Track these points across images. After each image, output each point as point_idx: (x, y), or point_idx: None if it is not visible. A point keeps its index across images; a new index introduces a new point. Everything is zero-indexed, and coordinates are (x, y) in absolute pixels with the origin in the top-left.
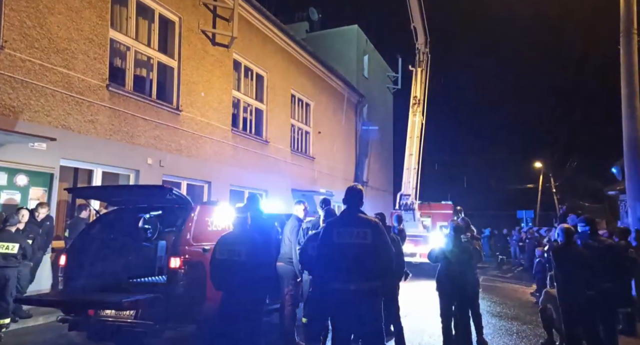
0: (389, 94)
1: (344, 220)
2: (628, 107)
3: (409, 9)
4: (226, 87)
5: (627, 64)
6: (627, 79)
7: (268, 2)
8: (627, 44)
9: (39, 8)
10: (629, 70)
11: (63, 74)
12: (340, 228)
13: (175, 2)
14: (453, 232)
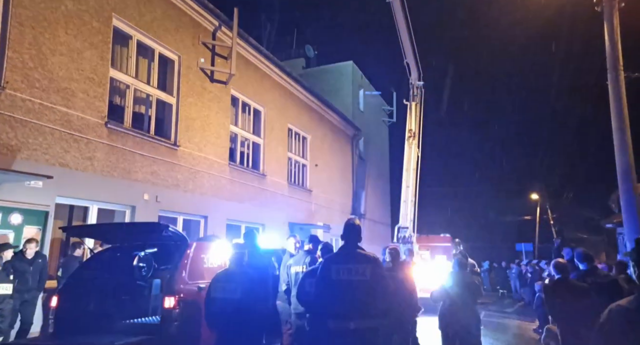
0: (384, 127)
1: (342, 257)
2: (619, 140)
3: (401, 46)
4: (224, 122)
5: (616, 98)
6: (617, 113)
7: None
8: (614, 80)
9: (41, 50)
10: (617, 104)
11: (62, 113)
12: (339, 264)
13: (175, 41)
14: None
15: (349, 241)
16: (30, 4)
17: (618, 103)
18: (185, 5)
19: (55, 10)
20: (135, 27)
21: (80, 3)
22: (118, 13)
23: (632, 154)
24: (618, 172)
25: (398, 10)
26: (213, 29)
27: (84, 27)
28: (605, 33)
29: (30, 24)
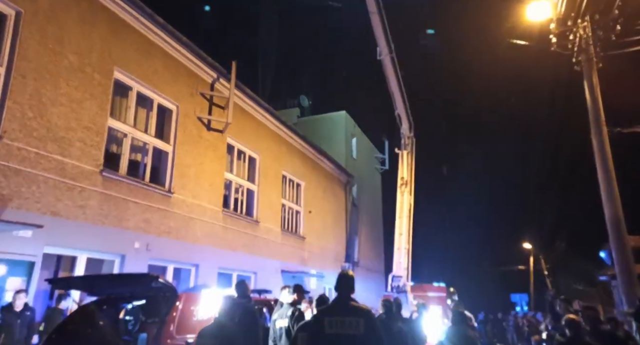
0: (377, 174)
1: (335, 309)
2: (607, 193)
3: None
4: (219, 170)
5: (600, 151)
6: (602, 165)
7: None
8: (598, 134)
9: (41, 100)
10: (603, 157)
11: (58, 161)
12: (332, 317)
13: (173, 92)
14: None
15: (342, 293)
16: (34, 57)
17: (603, 156)
18: (185, 59)
19: (58, 64)
20: (135, 79)
21: (83, 57)
22: (120, 66)
23: (620, 206)
24: (608, 225)
25: (388, 66)
26: (211, 81)
27: (85, 79)
28: (586, 90)
29: (32, 76)
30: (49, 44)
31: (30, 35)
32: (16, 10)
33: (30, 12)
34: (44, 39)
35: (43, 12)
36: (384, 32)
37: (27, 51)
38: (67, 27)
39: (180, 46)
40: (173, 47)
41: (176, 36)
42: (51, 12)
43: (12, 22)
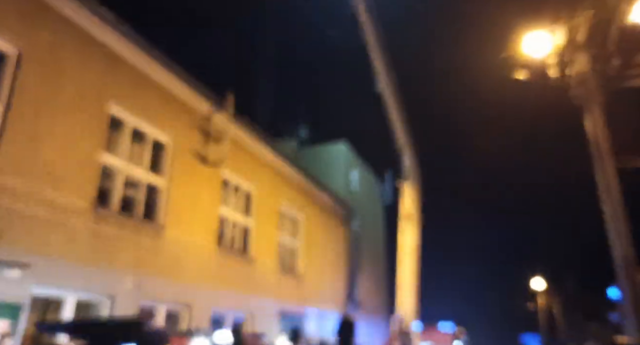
0: (379, 208)
1: None
2: (614, 229)
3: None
4: (214, 204)
5: (605, 186)
6: (609, 201)
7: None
8: (601, 169)
9: (37, 136)
10: (607, 189)
11: (50, 198)
12: None
13: (169, 126)
14: None
15: (343, 339)
16: (32, 94)
17: (607, 188)
18: (182, 92)
19: (55, 99)
20: (131, 113)
21: (80, 92)
22: (116, 100)
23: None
24: (617, 263)
25: (388, 97)
26: (207, 113)
27: (81, 114)
28: (587, 124)
29: (29, 112)
30: (47, 81)
31: (29, 73)
32: (18, 49)
33: (31, 51)
34: (42, 76)
35: (42, 50)
36: (383, 64)
37: (26, 88)
38: (65, 64)
39: (177, 79)
40: (170, 80)
41: (173, 69)
42: (50, 50)
43: (13, 61)
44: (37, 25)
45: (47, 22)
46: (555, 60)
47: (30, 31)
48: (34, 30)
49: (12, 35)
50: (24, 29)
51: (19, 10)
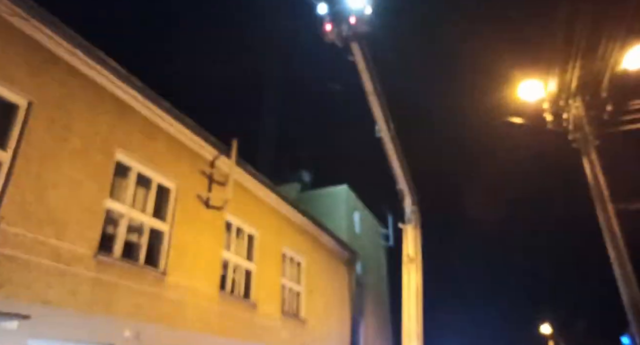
0: (381, 251)
1: None
2: (621, 272)
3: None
4: (216, 248)
5: (608, 229)
6: (613, 244)
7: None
8: (603, 212)
9: (43, 184)
10: (612, 235)
11: (53, 245)
12: None
13: (174, 171)
14: None
15: None
16: (40, 143)
17: (612, 233)
18: (188, 138)
19: (62, 148)
20: (137, 160)
21: (88, 140)
22: (123, 147)
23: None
24: (625, 306)
25: (388, 144)
26: (212, 158)
27: (87, 161)
28: (586, 168)
29: (36, 160)
30: (56, 130)
31: (38, 123)
32: (28, 100)
33: (41, 102)
34: (51, 126)
35: (53, 101)
36: (382, 111)
37: (34, 137)
38: (74, 114)
39: (184, 127)
40: (177, 128)
41: (180, 118)
42: (60, 101)
43: (23, 111)
44: (47, 77)
45: (56, 74)
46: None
47: (40, 83)
48: (44, 82)
49: (22, 86)
50: (34, 81)
51: (29, 63)
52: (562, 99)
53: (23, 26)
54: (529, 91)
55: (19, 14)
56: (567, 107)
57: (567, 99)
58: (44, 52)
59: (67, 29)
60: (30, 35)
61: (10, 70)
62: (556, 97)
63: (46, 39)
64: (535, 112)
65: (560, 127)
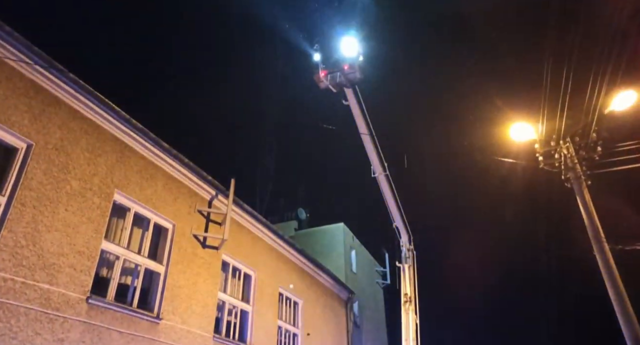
0: (378, 289)
1: None
2: (621, 312)
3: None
4: (212, 290)
5: (606, 268)
6: (612, 285)
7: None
8: (600, 250)
9: (37, 227)
10: (610, 274)
11: (43, 290)
12: None
13: (171, 211)
14: None
15: None
16: (37, 186)
17: (610, 273)
18: (186, 179)
19: (59, 190)
20: (135, 200)
21: (86, 182)
22: (120, 189)
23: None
24: None
25: (384, 183)
26: (210, 198)
27: (84, 204)
28: (580, 207)
29: (32, 203)
30: (54, 172)
31: (37, 166)
32: (27, 143)
33: (41, 145)
34: (49, 168)
35: (53, 144)
36: (376, 152)
37: (32, 181)
38: (74, 156)
39: (182, 167)
40: (175, 168)
41: (179, 159)
42: (61, 144)
43: (21, 155)
44: (48, 120)
45: (58, 117)
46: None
47: (41, 126)
48: (44, 125)
49: (22, 130)
50: (35, 124)
51: (30, 106)
52: (553, 140)
53: (26, 71)
54: (520, 132)
55: (24, 60)
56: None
57: (557, 140)
58: (45, 95)
59: (69, 74)
60: (32, 79)
61: (10, 114)
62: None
63: (49, 83)
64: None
65: (553, 167)
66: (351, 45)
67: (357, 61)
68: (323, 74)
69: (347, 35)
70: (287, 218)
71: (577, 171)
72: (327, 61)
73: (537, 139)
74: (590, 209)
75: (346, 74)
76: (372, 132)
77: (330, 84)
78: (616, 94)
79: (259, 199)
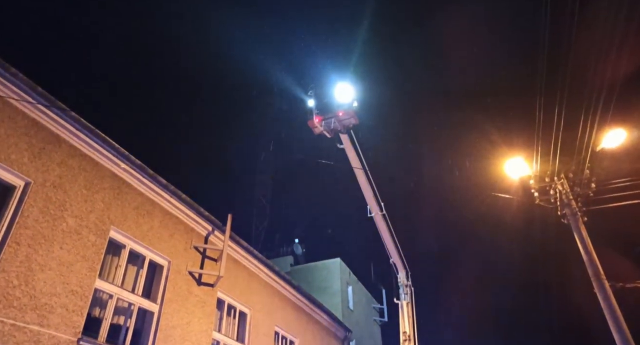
0: (376, 327)
1: None
2: None
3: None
4: (206, 329)
5: (608, 307)
6: (614, 323)
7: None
8: (601, 288)
9: (31, 267)
10: (611, 312)
11: (33, 333)
12: None
13: (167, 247)
14: None
15: None
16: (32, 224)
17: (612, 312)
18: (183, 214)
19: (55, 228)
20: (131, 237)
21: (82, 219)
22: (117, 225)
23: None
24: None
25: (380, 223)
26: (206, 234)
27: (79, 242)
28: (578, 244)
29: (26, 242)
30: (51, 210)
31: (34, 204)
32: (26, 181)
33: (39, 182)
34: (46, 206)
35: (51, 182)
36: (372, 193)
37: (28, 219)
38: (71, 193)
39: (180, 203)
40: (173, 204)
41: (177, 195)
42: (59, 181)
43: (19, 193)
44: (47, 158)
45: (57, 155)
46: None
47: (40, 164)
48: (43, 163)
49: (20, 168)
50: (34, 162)
51: (29, 144)
52: (548, 176)
53: (28, 110)
54: (515, 168)
55: (27, 100)
56: (553, 183)
57: (552, 176)
58: (46, 133)
59: (71, 112)
60: (34, 118)
61: (11, 153)
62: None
63: (50, 121)
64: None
65: (549, 203)
66: (346, 91)
67: (352, 107)
68: (317, 120)
69: (341, 81)
70: (283, 253)
71: (572, 207)
72: (321, 107)
73: (532, 175)
74: (588, 246)
75: (341, 121)
76: (368, 173)
77: (325, 130)
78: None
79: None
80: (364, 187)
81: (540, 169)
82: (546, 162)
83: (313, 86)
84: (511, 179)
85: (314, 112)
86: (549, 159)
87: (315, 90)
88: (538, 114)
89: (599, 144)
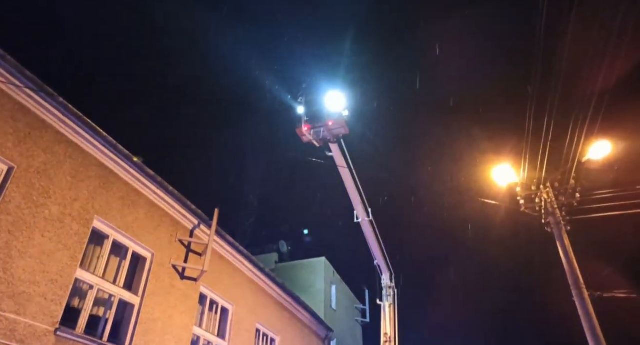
0: (358, 327)
1: None
2: None
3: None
4: (187, 324)
5: (585, 316)
6: (590, 330)
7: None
8: (579, 296)
9: (10, 253)
10: (588, 321)
11: (9, 321)
12: None
13: (151, 239)
14: None
15: None
16: (14, 210)
17: (589, 321)
18: (169, 206)
19: (37, 215)
20: (114, 228)
21: (66, 207)
22: (101, 215)
23: None
24: None
25: (367, 228)
26: (192, 227)
27: (62, 230)
28: (560, 252)
29: (7, 228)
30: (34, 197)
31: (16, 189)
32: (9, 166)
33: (23, 168)
34: (29, 192)
35: (35, 168)
36: (360, 199)
37: (9, 205)
38: (56, 180)
39: (166, 195)
40: (159, 196)
41: (164, 186)
42: (44, 167)
43: (1, 178)
44: (33, 143)
45: (43, 140)
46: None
47: (24, 149)
48: (29, 148)
49: (4, 153)
50: (18, 147)
51: (15, 129)
52: (534, 184)
53: (15, 93)
54: (502, 175)
55: (13, 83)
56: (538, 192)
57: (538, 185)
58: (33, 118)
59: (59, 98)
60: (20, 102)
61: None
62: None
63: (37, 105)
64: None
65: (534, 211)
66: (337, 99)
67: (342, 116)
68: (306, 128)
69: (332, 89)
70: (268, 250)
71: (557, 216)
72: (311, 115)
73: (519, 182)
74: (570, 255)
75: (331, 130)
76: (357, 180)
77: (314, 140)
78: (593, 143)
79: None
80: (352, 194)
81: (527, 176)
82: (533, 169)
83: (303, 92)
84: (499, 186)
85: (303, 120)
86: (537, 167)
87: (306, 97)
88: (528, 124)
89: (585, 155)
